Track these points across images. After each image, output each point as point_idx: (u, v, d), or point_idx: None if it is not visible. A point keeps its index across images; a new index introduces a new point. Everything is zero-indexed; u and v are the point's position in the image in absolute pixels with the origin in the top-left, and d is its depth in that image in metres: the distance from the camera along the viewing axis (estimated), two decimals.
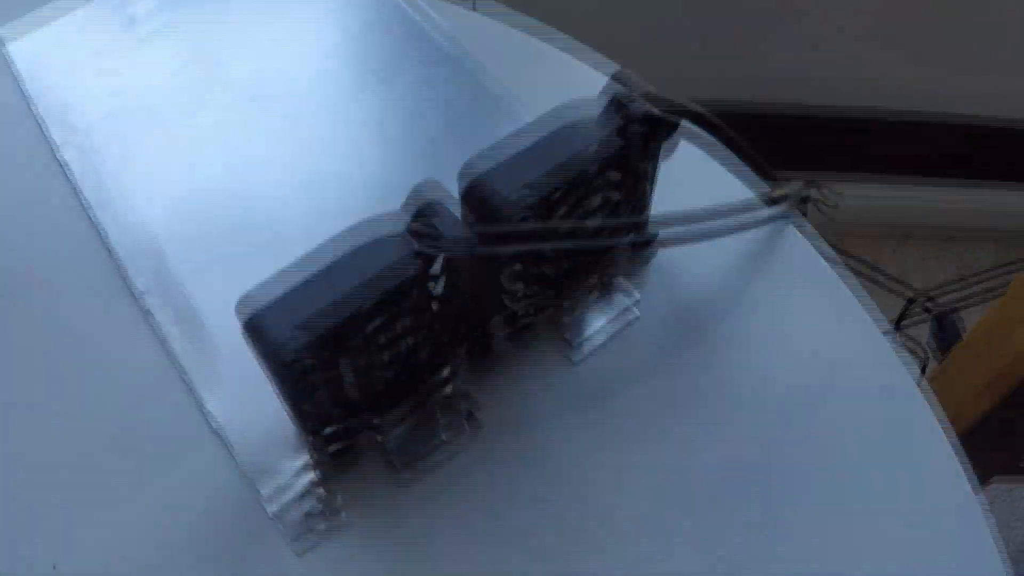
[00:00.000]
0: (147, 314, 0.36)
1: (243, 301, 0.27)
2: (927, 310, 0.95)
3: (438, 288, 0.29)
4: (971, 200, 1.52)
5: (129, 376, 0.35)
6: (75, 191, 0.40)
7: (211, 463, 0.33)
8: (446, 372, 0.34)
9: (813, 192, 0.41)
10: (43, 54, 0.44)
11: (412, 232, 0.28)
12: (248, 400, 0.34)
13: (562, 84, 0.35)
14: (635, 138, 0.31)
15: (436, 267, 0.28)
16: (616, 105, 0.32)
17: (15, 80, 0.43)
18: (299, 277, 0.27)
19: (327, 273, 0.28)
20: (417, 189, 0.29)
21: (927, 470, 0.35)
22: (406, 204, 0.29)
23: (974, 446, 0.36)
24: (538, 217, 0.30)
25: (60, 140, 0.41)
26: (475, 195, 0.30)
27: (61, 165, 0.40)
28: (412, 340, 0.30)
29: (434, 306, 0.30)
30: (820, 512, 0.33)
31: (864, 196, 1.43)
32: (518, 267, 0.32)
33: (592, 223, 0.33)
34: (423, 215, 0.28)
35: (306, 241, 0.29)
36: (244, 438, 0.33)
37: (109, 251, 0.38)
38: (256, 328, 0.27)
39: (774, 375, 0.36)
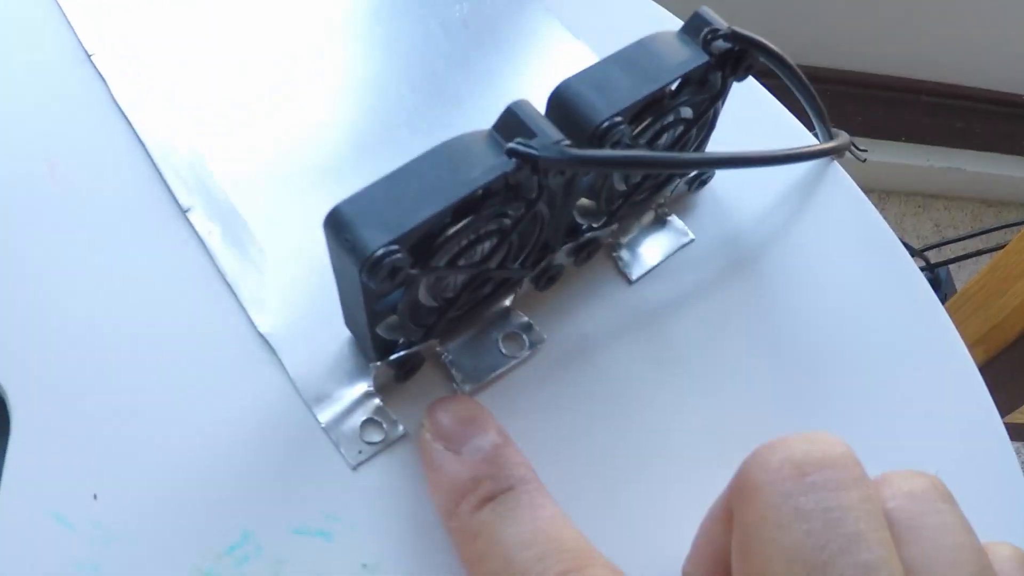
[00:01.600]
0: (194, 230, 0.36)
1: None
2: (926, 263, 0.98)
3: (518, 210, 0.29)
4: (952, 165, 1.55)
5: (175, 294, 0.35)
6: (111, 101, 0.39)
7: (259, 383, 0.33)
8: (508, 302, 0.34)
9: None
10: None
11: (503, 133, 0.28)
12: (300, 323, 0.34)
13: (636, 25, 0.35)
14: (718, 56, 0.32)
15: (524, 176, 0.28)
16: (697, 22, 0.32)
17: None
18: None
19: (412, 173, 0.27)
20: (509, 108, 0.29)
21: (962, 413, 0.37)
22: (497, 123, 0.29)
23: None
24: (626, 122, 0.30)
25: (93, 50, 0.40)
26: (561, 98, 0.30)
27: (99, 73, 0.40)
28: (491, 265, 0.31)
29: (513, 234, 0.30)
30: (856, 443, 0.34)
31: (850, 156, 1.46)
32: (591, 179, 0.32)
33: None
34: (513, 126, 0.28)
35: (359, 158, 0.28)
36: (298, 361, 0.33)
37: (149, 161, 0.37)
38: (337, 222, 0.26)
39: (817, 307, 0.37)
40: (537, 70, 0.41)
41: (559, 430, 0.33)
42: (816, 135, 0.41)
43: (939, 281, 1.10)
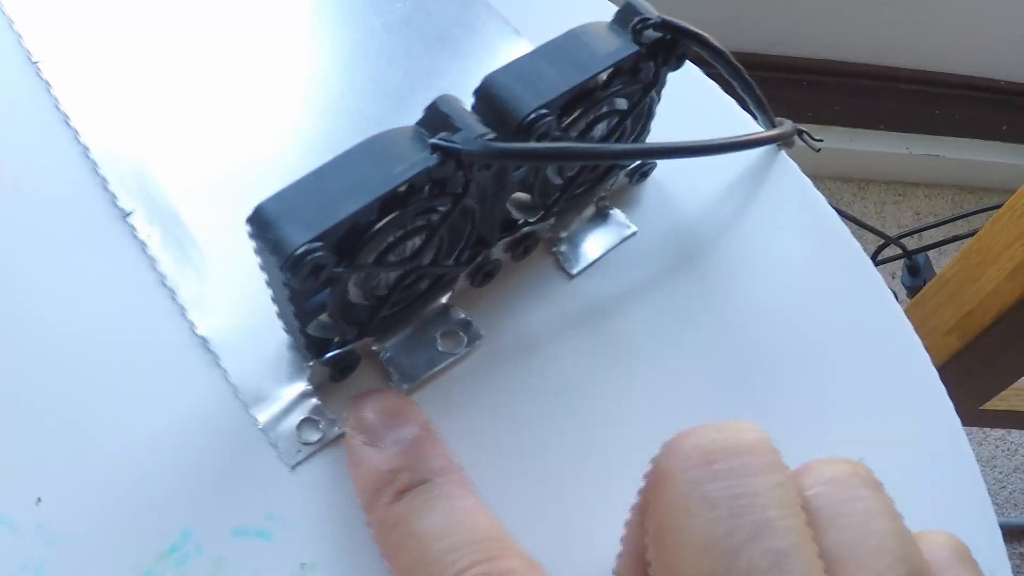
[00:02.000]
0: (134, 234, 0.36)
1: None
2: (903, 250, 0.98)
3: (445, 204, 0.29)
4: (930, 152, 1.56)
5: (115, 297, 0.35)
6: (56, 107, 0.39)
7: (198, 384, 0.33)
8: (445, 299, 0.34)
9: (800, 134, 0.43)
10: None
11: (428, 128, 0.28)
12: (239, 324, 0.34)
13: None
14: (648, 45, 0.32)
15: (448, 170, 0.28)
16: (628, 12, 0.32)
17: None
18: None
19: (337, 169, 0.27)
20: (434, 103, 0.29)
21: (912, 397, 0.37)
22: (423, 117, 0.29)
23: None
24: (553, 116, 0.30)
25: (38, 56, 0.40)
26: (487, 91, 0.30)
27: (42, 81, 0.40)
28: (421, 261, 0.31)
29: (442, 229, 0.30)
30: (804, 435, 0.34)
31: (828, 145, 1.47)
32: (524, 172, 0.32)
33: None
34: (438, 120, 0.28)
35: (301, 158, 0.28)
36: (236, 362, 0.33)
37: (92, 166, 0.37)
38: (260, 220, 0.26)
39: (764, 297, 0.37)
40: (480, 66, 0.41)
41: (498, 426, 0.33)
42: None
43: (918, 267, 1.10)
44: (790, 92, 1.43)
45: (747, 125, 0.42)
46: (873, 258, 1.02)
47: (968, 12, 1.38)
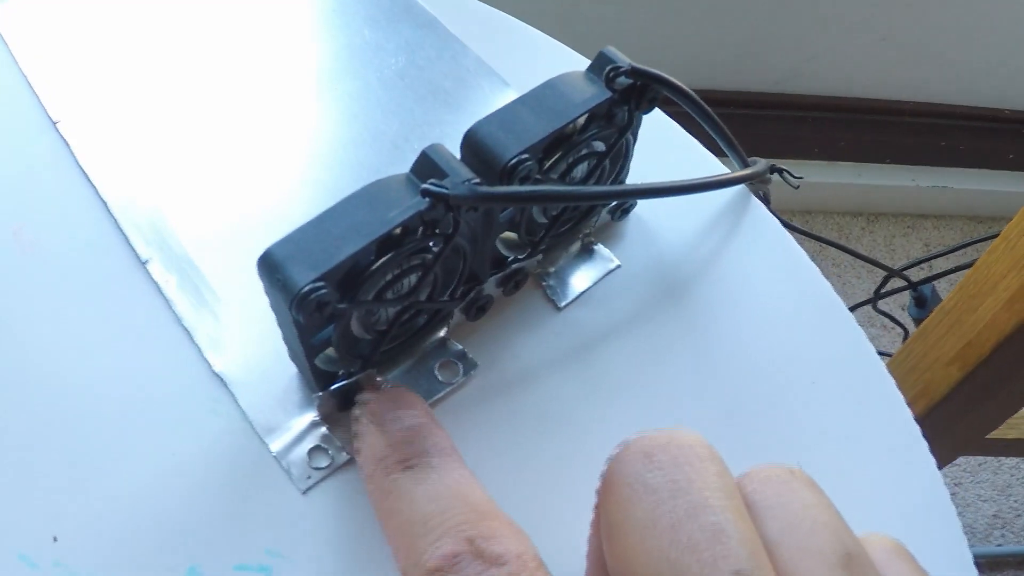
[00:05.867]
0: (153, 280, 0.39)
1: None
2: (908, 281, 1.00)
3: (437, 244, 0.33)
4: (938, 184, 1.58)
5: (135, 340, 0.38)
6: (76, 164, 0.43)
7: (215, 419, 0.36)
8: (442, 332, 0.38)
9: (779, 172, 0.46)
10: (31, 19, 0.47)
11: (419, 175, 0.32)
12: (252, 362, 0.37)
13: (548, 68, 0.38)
14: (621, 91, 0.35)
15: (439, 213, 0.31)
16: (602, 61, 0.36)
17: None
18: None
19: (337, 215, 0.31)
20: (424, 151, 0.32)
21: (889, 441, 0.39)
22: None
23: (943, 420, 0.40)
24: (533, 160, 0.33)
25: (57, 116, 0.44)
26: (473, 139, 0.33)
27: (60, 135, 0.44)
28: (418, 297, 0.34)
29: (436, 267, 0.33)
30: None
31: (835, 180, 1.51)
32: (511, 212, 0.36)
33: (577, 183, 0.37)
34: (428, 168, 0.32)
35: (305, 205, 0.31)
36: (250, 396, 0.37)
37: (111, 218, 0.41)
38: (269, 263, 0.30)
39: (739, 328, 0.41)
40: (470, 116, 0.45)
41: (492, 450, 0.36)
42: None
43: (924, 299, 1.12)
44: (796, 129, 1.46)
45: (718, 169, 0.45)
46: (878, 291, 1.04)
47: (971, 43, 1.41)
